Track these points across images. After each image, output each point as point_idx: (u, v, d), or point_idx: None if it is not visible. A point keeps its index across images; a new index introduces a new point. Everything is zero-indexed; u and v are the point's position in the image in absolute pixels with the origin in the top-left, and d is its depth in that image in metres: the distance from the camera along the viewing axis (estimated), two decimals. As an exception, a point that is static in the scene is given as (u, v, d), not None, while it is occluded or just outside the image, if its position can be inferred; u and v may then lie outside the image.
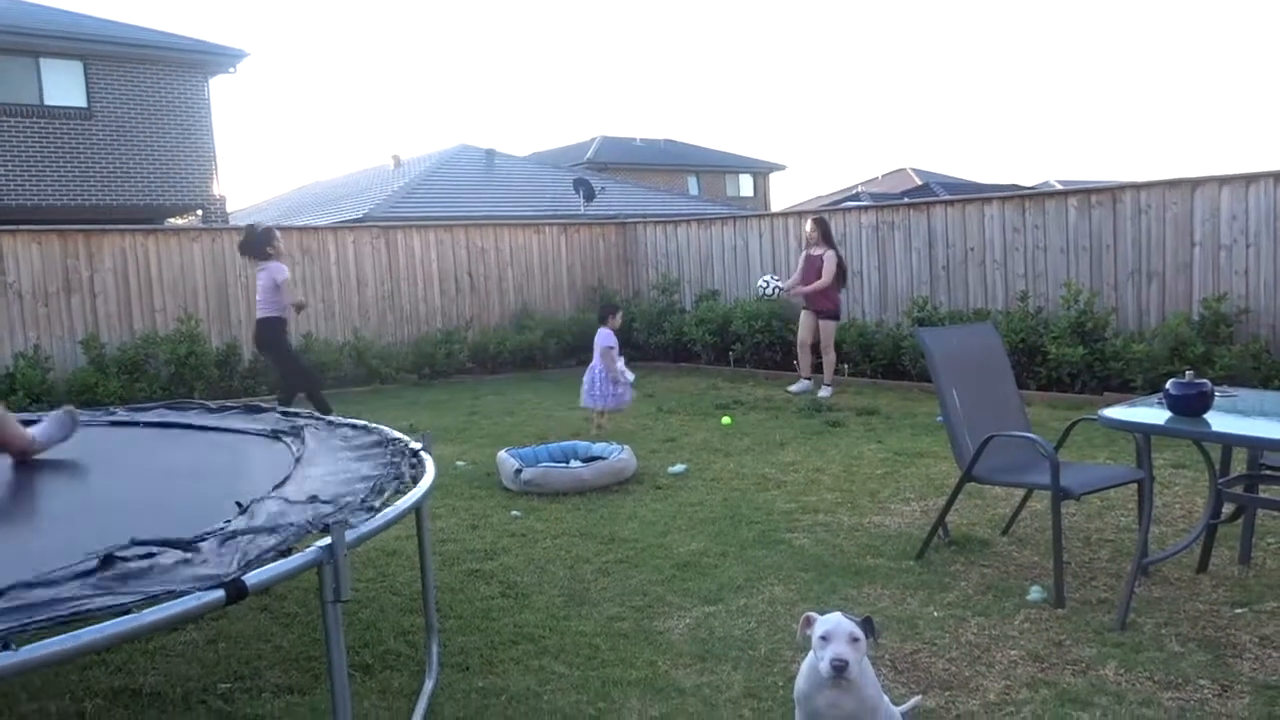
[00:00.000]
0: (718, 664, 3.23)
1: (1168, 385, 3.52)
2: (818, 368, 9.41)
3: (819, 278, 9.09)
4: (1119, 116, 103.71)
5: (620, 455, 6.03)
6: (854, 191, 38.55)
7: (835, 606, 3.64)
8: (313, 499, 2.67)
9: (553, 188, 24.19)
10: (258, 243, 7.65)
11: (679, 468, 6.20)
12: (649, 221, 13.98)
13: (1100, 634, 3.35)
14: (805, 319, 9.34)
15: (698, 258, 12.80)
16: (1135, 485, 4.05)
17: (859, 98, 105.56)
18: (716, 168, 39.35)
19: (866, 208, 11.16)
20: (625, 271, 13.81)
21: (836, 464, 6.22)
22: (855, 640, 2.37)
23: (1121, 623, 3.40)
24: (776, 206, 40.06)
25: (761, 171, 40.59)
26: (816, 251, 9.23)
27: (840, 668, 2.33)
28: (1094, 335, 8.42)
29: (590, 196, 22.06)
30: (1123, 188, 8.73)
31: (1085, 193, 8.98)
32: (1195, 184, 8.18)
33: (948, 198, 10.85)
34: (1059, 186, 26.43)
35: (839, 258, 9.20)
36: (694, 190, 36.16)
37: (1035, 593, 3.74)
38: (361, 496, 2.68)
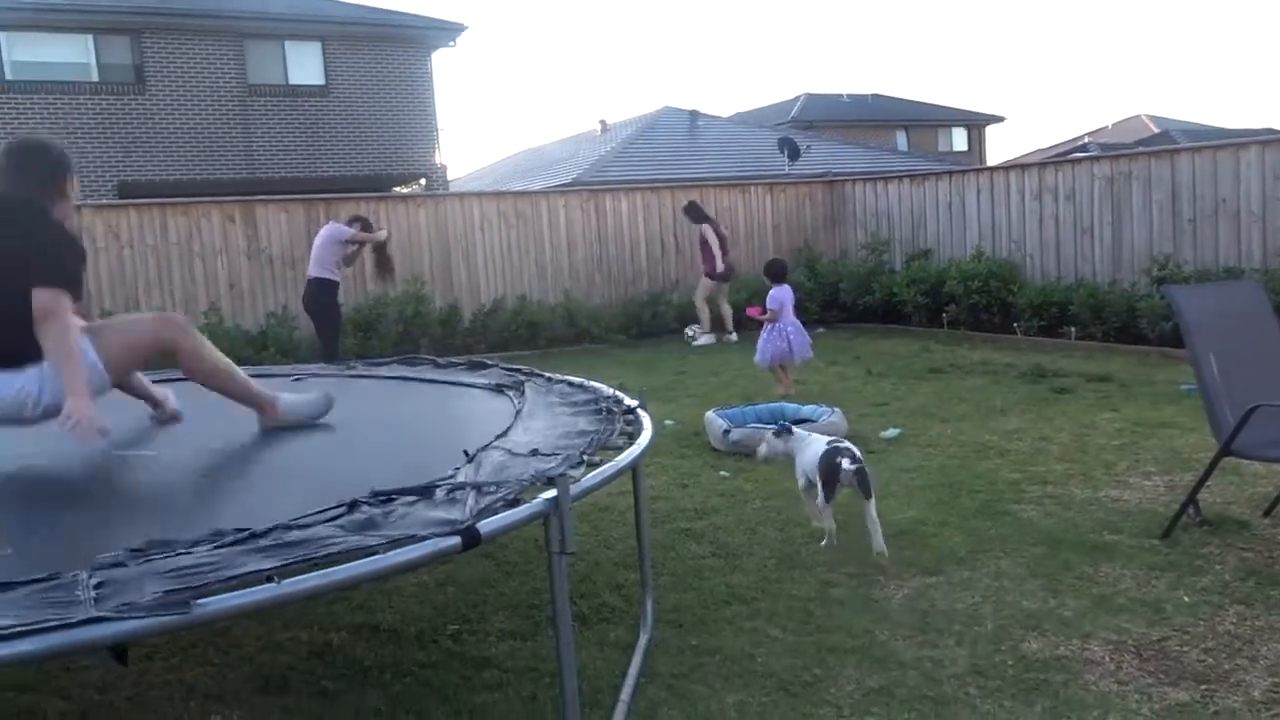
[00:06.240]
0: (940, 637, 3.09)
1: None
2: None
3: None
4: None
5: (830, 418, 5.89)
6: (1081, 142, 35.85)
7: (1069, 585, 3.44)
8: (534, 452, 2.74)
9: (757, 148, 23.88)
10: None
11: (892, 432, 5.98)
12: (857, 179, 13.54)
13: (1390, 632, 2.95)
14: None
15: (909, 216, 12.28)
16: None
17: (1085, 38, 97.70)
18: (927, 122, 37.51)
19: (1098, 157, 10.32)
20: (832, 231, 13.46)
21: (1065, 433, 5.82)
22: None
23: None
24: (993, 160, 37.86)
25: (977, 124, 38.36)
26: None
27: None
28: (1376, 295, 7.43)
29: (795, 155, 21.61)
30: None
31: (1369, 133, 7.90)
32: None
33: (1194, 144, 9.84)
34: (1329, 129, 23.46)
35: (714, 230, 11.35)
36: (903, 146, 34.70)
37: (1307, 582, 3.34)
38: (581, 450, 2.72)
